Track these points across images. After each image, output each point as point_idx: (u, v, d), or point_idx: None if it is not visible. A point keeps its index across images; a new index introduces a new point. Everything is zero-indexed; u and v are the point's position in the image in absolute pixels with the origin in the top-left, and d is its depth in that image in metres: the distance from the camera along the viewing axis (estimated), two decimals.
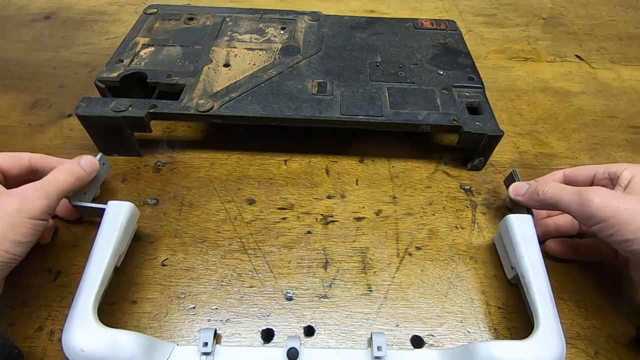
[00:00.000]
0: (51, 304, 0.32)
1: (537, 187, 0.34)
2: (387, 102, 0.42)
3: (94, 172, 0.35)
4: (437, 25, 0.53)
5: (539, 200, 0.33)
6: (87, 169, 0.34)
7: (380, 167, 0.44)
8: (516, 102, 0.52)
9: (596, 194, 0.29)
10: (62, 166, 0.33)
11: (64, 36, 0.60)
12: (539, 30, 0.66)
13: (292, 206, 0.40)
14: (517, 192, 0.36)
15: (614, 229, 0.28)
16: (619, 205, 0.28)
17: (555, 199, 0.32)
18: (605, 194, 0.29)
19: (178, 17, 0.51)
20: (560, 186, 0.32)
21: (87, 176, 0.34)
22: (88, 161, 0.34)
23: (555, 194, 0.32)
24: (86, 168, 0.34)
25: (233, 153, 0.44)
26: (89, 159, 0.35)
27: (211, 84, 0.43)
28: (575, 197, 0.30)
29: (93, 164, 0.35)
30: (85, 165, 0.34)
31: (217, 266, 0.35)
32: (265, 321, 0.32)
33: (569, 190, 0.31)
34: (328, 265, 0.36)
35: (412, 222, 0.39)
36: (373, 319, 0.33)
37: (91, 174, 0.34)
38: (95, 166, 0.35)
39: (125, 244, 0.34)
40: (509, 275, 0.35)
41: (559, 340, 0.28)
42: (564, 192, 0.31)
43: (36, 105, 0.49)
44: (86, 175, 0.34)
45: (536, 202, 0.34)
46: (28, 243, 0.28)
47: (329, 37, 0.50)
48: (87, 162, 0.34)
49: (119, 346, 0.26)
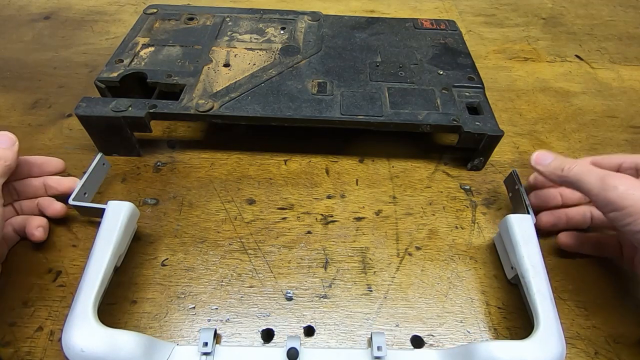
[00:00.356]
0: (51, 304, 0.32)
1: (563, 162, 0.32)
2: (387, 102, 0.42)
3: (15, 144, 0.33)
4: (437, 25, 0.53)
5: (562, 176, 0.32)
6: (4, 145, 0.32)
7: (380, 167, 0.44)
8: (516, 102, 0.52)
9: (621, 181, 0.28)
10: None
11: (64, 36, 0.60)
12: (539, 30, 0.66)
13: (292, 206, 0.40)
14: (540, 161, 0.34)
15: (632, 218, 0.27)
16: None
17: (578, 178, 0.31)
18: (630, 182, 0.28)
19: (178, 17, 0.51)
20: (588, 167, 0.31)
21: (9, 151, 0.32)
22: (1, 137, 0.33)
23: (580, 173, 0.31)
24: (3, 144, 0.32)
25: (233, 153, 0.44)
26: (1, 134, 0.33)
27: (211, 84, 0.43)
28: (599, 181, 0.29)
29: (7, 138, 0.33)
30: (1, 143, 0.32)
31: (217, 266, 0.35)
32: (265, 321, 0.32)
33: (595, 172, 0.30)
34: (328, 265, 0.36)
35: (412, 222, 0.39)
36: (373, 319, 0.33)
37: (12, 147, 0.33)
38: (10, 138, 0.33)
39: (125, 244, 0.34)
40: (509, 275, 0.35)
41: (559, 340, 0.28)
42: (590, 173, 0.30)
43: (36, 105, 0.49)
44: (8, 150, 0.32)
45: (558, 177, 0.32)
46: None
47: (329, 37, 0.50)
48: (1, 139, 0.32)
49: (119, 346, 0.26)
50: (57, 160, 0.37)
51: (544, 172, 0.33)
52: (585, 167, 0.31)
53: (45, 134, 0.46)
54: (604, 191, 0.29)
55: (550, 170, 0.33)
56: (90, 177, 0.37)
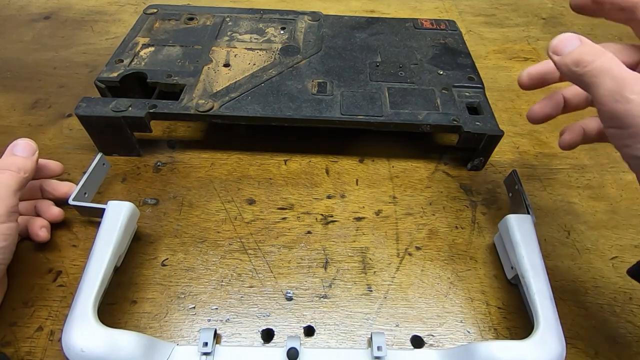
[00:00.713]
0: (51, 304, 0.32)
1: (583, 54, 0.24)
2: (387, 102, 0.42)
3: (35, 152, 0.32)
4: (437, 25, 0.53)
5: (574, 72, 0.25)
6: (24, 154, 0.32)
7: (380, 167, 0.44)
8: (516, 102, 0.52)
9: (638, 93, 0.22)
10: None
11: (64, 36, 0.60)
12: (539, 30, 0.66)
13: (292, 206, 0.40)
14: (560, 47, 0.26)
15: (631, 140, 0.22)
16: None
17: (591, 79, 0.24)
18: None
19: (178, 17, 0.51)
20: (611, 63, 0.23)
21: (29, 161, 0.32)
22: (22, 146, 0.32)
23: (596, 72, 0.23)
24: (23, 154, 0.32)
25: (233, 153, 0.44)
26: (23, 143, 0.32)
27: (211, 84, 0.43)
28: (615, 86, 0.23)
29: (28, 146, 0.32)
30: (22, 152, 0.32)
31: (217, 266, 0.35)
32: (265, 321, 0.32)
33: (616, 74, 0.23)
34: (328, 265, 0.36)
35: (412, 222, 0.39)
36: (373, 319, 0.33)
37: (32, 157, 0.32)
38: (32, 147, 0.32)
39: (125, 244, 0.34)
40: (509, 275, 0.35)
41: (559, 340, 0.28)
42: (609, 74, 0.23)
43: (36, 105, 0.49)
44: (28, 160, 0.32)
45: (571, 73, 0.25)
46: (4, 248, 0.28)
47: (329, 37, 0.50)
48: (21, 148, 0.32)
49: (119, 346, 0.26)
50: (55, 164, 0.37)
51: (559, 65, 0.26)
52: (607, 64, 0.23)
53: (45, 134, 0.46)
54: (614, 101, 0.22)
55: (566, 63, 0.25)
56: (90, 177, 0.37)
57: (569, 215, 0.40)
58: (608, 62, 0.23)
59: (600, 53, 0.24)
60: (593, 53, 0.24)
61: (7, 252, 0.29)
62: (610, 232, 0.39)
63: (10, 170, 0.31)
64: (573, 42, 0.25)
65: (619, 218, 0.40)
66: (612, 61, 0.23)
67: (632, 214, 0.40)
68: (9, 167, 0.31)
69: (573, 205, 0.41)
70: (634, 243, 0.38)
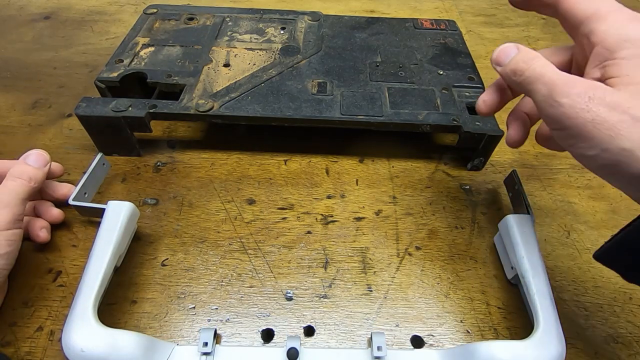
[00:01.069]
0: (51, 304, 0.32)
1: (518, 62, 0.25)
2: (387, 102, 0.42)
3: (47, 164, 0.33)
4: (437, 25, 0.53)
5: (514, 81, 0.26)
6: (36, 164, 0.32)
7: (380, 167, 0.44)
8: (516, 102, 0.52)
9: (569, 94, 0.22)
10: (10, 171, 0.32)
11: (64, 36, 0.60)
12: (539, 30, 0.66)
13: (292, 206, 0.40)
14: (500, 58, 0.27)
15: (573, 140, 0.23)
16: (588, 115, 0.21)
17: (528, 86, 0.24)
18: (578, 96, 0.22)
19: (178, 17, 0.51)
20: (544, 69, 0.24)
21: (40, 172, 0.32)
22: (35, 156, 0.33)
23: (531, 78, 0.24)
24: (35, 164, 0.32)
25: (233, 153, 0.44)
26: (36, 154, 0.33)
27: (211, 84, 0.43)
28: (547, 92, 0.23)
29: (41, 157, 0.33)
30: (34, 162, 0.32)
31: (217, 266, 0.35)
32: (265, 321, 0.32)
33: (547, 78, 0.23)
34: (328, 265, 0.36)
35: (412, 222, 0.39)
36: (373, 319, 0.33)
37: (44, 167, 0.33)
38: (45, 158, 0.33)
39: (125, 244, 0.34)
40: (509, 275, 0.35)
41: (559, 340, 0.28)
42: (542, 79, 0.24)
43: (36, 105, 0.49)
44: (39, 171, 0.32)
45: (511, 81, 0.26)
46: (8, 254, 0.29)
47: (329, 37, 0.50)
48: (34, 158, 0.32)
49: (119, 346, 0.26)
50: (55, 165, 0.37)
51: (502, 75, 0.27)
52: (538, 70, 0.24)
53: (45, 134, 0.46)
54: (549, 106, 0.23)
55: (506, 72, 0.26)
56: (90, 177, 0.37)
57: (569, 215, 0.40)
58: (540, 68, 0.24)
59: (534, 59, 0.25)
60: (527, 60, 0.25)
61: (10, 258, 0.29)
62: (610, 232, 0.39)
63: (21, 178, 0.31)
64: (511, 51, 0.26)
65: (619, 218, 0.40)
66: (544, 67, 0.24)
67: (632, 214, 0.40)
68: (21, 176, 0.31)
69: (573, 205, 0.41)
70: None
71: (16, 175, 0.31)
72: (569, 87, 0.22)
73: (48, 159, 0.33)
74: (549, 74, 0.24)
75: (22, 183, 0.31)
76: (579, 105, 0.22)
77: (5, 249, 0.28)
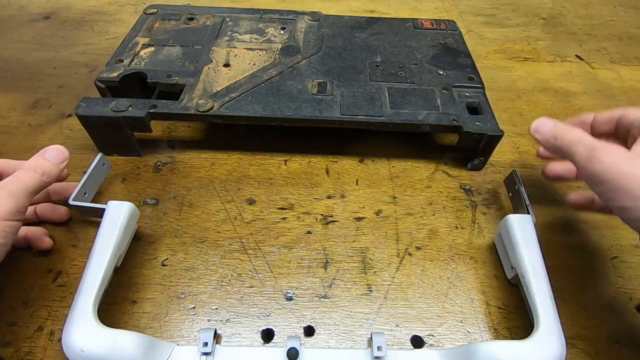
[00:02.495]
0: (51, 304, 0.32)
1: (558, 130, 0.31)
2: (387, 102, 0.42)
3: (64, 162, 0.32)
4: (437, 25, 0.53)
5: (555, 145, 0.31)
6: (53, 160, 0.32)
7: (380, 167, 0.44)
8: (516, 102, 0.52)
9: (607, 154, 0.27)
10: (25, 163, 0.31)
11: (64, 36, 0.60)
12: (539, 30, 0.66)
13: (292, 206, 0.40)
14: (539, 128, 0.32)
15: (613, 193, 0.26)
16: (627, 170, 0.26)
17: (569, 148, 0.29)
18: (617, 155, 0.27)
19: (178, 17, 0.51)
20: (580, 136, 0.29)
21: (55, 167, 0.31)
22: (55, 152, 0.32)
23: (571, 142, 0.29)
24: (53, 159, 0.31)
25: (233, 153, 0.44)
26: (56, 149, 0.32)
27: (211, 84, 0.43)
28: (587, 152, 0.28)
29: (60, 153, 0.32)
30: (52, 157, 0.32)
31: (217, 266, 0.35)
32: (265, 321, 0.32)
33: (585, 142, 0.28)
34: (328, 265, 0.36)
35: (412, 222, 0.39)
36: (373, 319, 0.33)
37: (60, 164, 0.32)
38: (64, 155, 0.32)
39: (125, 244, 0.34)
40: (509, 275, 0.35)
41: (559, 340, 0.28)
42: (580, 143, 0.29)
43: (36, 105, 0.49)
44: (54, 167, 0.31)
45: (552, 146, 0.31)
46: (2, 245, 0.27)
47: (329, 37, 0.50)
48: (53, 153, 0.32)
49: (119, 346, 0.26)
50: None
51: (541, 141, 0.32)
52: (576, 136, 0.29)
53: (45, 134, 0.46)
54: (590, 163, 0.27)
55: (546, 138, 0.31)
56: (90, 177, 0.37)
57: (570, 215, 0.40)
58: (579, 134, 0.30)
59: (571, 128, 0.30)
60: (566, 129, 0.31)
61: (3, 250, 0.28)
62: (610, 232, 0.39)
63: (34, 171, 0.30)
64: (549, 123, 0.32)
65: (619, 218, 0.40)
66: (582, 133, 0.30)
67: None
68: (34, 168, 0.31)
69: None
70: (634, 243, 0.38)
71: (30, 167, 0.31)
72: (608, 149, 0.27)
73: (67, 156, 0.33)
74: (588, 138, 0.29)
75: (34, 176, 0.30)
76: (621, 161, 0.26)
77: (1, 239, 0.27)
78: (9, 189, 0.29)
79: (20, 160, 0.33)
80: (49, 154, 0.32)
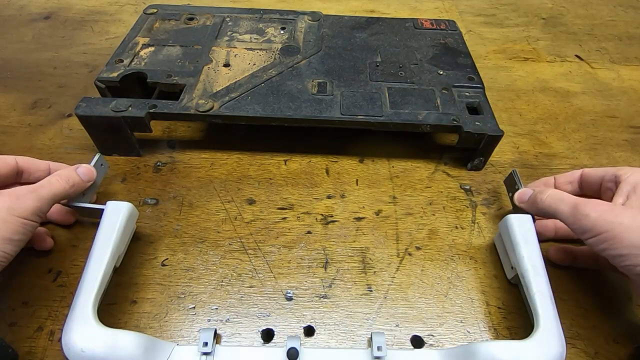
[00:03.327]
0: (51, 304, 0.32)
1: (537, 195, 0.33)
2: (387, 102, 0.42)
3: (90, 181, 0.35)
4: (437, 25, 0.53)
5: (539, 209, 0.33)
6: (83, 177, 0.34)
7: (380, 167, 0.44)
8: (516, 102, 0.52)
9: (592, 208, 0.29)
10: (59, 171, 0.33)
11: (64, 36, 0.60)
12: (539, 30, 0.66)
13: (292, 206, 0.40)
14: (521, 198, 0.36)
15: (607, 243, 0.28)
16: (614, 220, 0.28)
17: (553, 208, 0.32)
18: (601, 208, 0.29)
19: (178, 17, 0.51)
20: (559, 195, 0.32)
21: (82, 184, 0.34)
22: (86, 170, 0.35)
23: (553, 204, 0.32)
24: (83, 176, 0.34)
25: (233, 153, 0.44)
26: (87, 168, 0.35)
27: (211, 84, 0.43)
28: (571, 210, 0.30)
29: (90, 172, 0.35)
30: (83, 174, 0.34)
31: (217, 266, 0.35)
32: (265, 321, 0.32)
33: (567, 201, 0.31)
34: (328, 265, 0.36)
35: (412, 222, 0.39)
36: (373, 319, 0.33)
37: (87, 182, 0.35)
38: (92, 175, 0.35)
39: (124, 244, 0.34)
40: (509, 275, 0.35)
41: (559, 340, 0.28)
42: (562, 202, 0.31)
43: (36, 105, 0.49)
44: (82, 183, 0.34)
45: (537, 210, 0.34)
46: (18, 242, 0.29)
47: (329, 37, 0.50)
48: (84, 171, 0.34)
49: (119, 346, 0.26)
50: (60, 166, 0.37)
51: (526, 208, 0.35)
52: (556, 197, 0.32)
53: (45, 134, 0.46)
54: (578, 220, 0.29)
55: (529, 204, 0.34)
56: None
57: None
58: (558, 193, 0.32)
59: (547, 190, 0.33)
60: (543, 192, 0.33)
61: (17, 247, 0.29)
62: None
63: (66, 182, 0.32)
64: (528, 192, 0.35)
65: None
66: (561, 193, 0.32)
67: None
68: (67, 179, 0.33)
69: None
70: None
71: (63, 176, 0.33)
72: (592, 203, 0.29)
73: (94, 177, 0.35)
74: (567, 196, 0.31)
75: (64, 186, 0.32)
76: (606, 213, 0.28)
77: (19, 235, 0.29)
78: (39, 193, 0.30)
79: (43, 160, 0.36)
80: (81, 171, 0.34)
